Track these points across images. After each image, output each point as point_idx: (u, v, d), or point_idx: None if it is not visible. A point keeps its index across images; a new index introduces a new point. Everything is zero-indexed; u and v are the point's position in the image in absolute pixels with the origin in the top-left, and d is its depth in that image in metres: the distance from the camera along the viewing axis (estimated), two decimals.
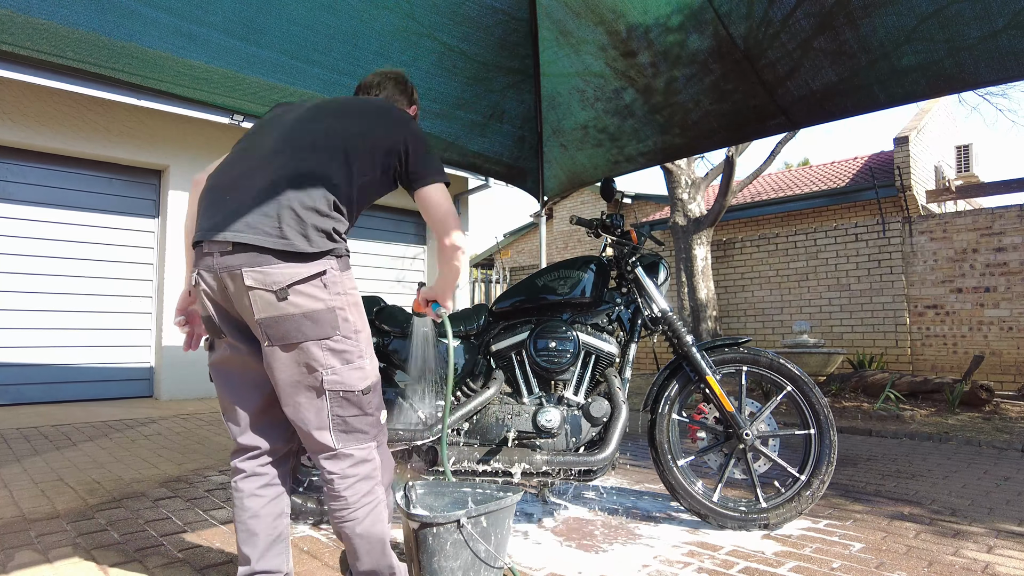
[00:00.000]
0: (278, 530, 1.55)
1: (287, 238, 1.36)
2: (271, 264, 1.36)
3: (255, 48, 2.78)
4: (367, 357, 1.46)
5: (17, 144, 5.71)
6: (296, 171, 1.43)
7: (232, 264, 1.37)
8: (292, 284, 1.36)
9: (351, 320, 1.43)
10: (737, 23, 2.79)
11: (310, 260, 1.39)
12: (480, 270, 12.20)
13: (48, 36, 2.39)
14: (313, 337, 1.38)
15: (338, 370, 1.41)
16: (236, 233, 1.37)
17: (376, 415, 1.49)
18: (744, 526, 2.30)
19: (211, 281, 1.42)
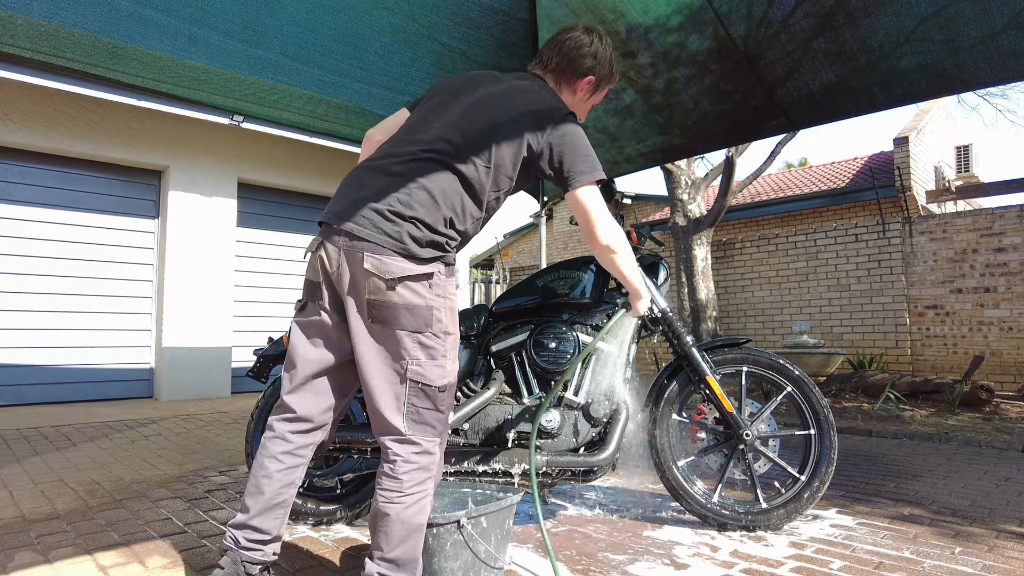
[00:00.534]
0: (283, 496, 1.64)
1: (404, 244, 1.49)
2: (389, 256, 1.48)
3: (256, 49, 2.78)
4: (450, 358, 1.55)
5: (17, 144, 5.71)
6: (429, 188, 1.53)
7: (357, 247, 1.49)
8: (403, 278, 1.47)
9: (444, 321, 1.53)
10: (737, 24, 2.79)
11: (422, 263, 1.50)
12: (480, 270, 12.21)
13: (48, 37, 2.39)
14: (408, 328, 1.48)
15: (422, 363, 1.50)
16: (362, 229, 1.50)
17: (446, 414, 1.57)
18: (744, 527, 2.30)
19: (333, 254, 1.53)
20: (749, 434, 2.32)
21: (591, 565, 1.98)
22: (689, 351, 2.38)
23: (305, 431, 1.67)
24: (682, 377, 2.45)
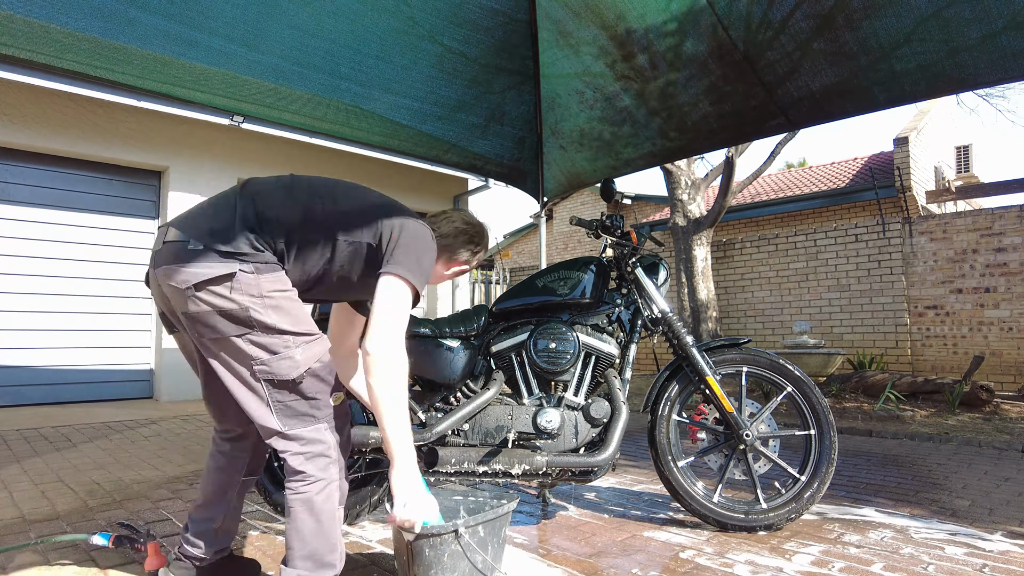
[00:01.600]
0: (222, 494, 1.72)
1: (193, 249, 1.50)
2: (181, 265, 1.48)
3: (256, 53, 2.78)
4: (296, 347, 1.50)
5: (17, 145, 5.71)
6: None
7: (159, 266, 1.52)
8: (200, 284, 1.46)
9: (268, 320, 1.49)
10: (736, 24, 2.79)
11: (218, 264, 1.47)
12: (480, 271, 12.21)
13: (48, 39, 2.39)
14: (232, 333, 1.48)
15: (266, 360, 1.48)
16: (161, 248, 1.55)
17: (320, 399, 1.53)
18: (745, 527, 2.30)
19: (153, 282, 1.58)
20: (749, 434, 2.32)
21: (591, 566, 1.98)
22: (689, 351, 2.38)
23: (230, 438, 1.74)
24: (682, 377, 2.45)
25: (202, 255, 1.47)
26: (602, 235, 2.54)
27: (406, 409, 1.53)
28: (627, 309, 2.49)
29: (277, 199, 1.59)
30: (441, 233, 1.89)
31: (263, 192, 1.60)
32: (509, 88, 3.63)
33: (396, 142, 3.75)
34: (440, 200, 8.83)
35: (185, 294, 1.46)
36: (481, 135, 3.88)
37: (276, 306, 1.50)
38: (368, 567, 1.95)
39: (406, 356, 1.54)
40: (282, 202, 1.59)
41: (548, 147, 4.13)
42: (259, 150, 7.06)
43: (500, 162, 4.18)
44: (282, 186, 1.63)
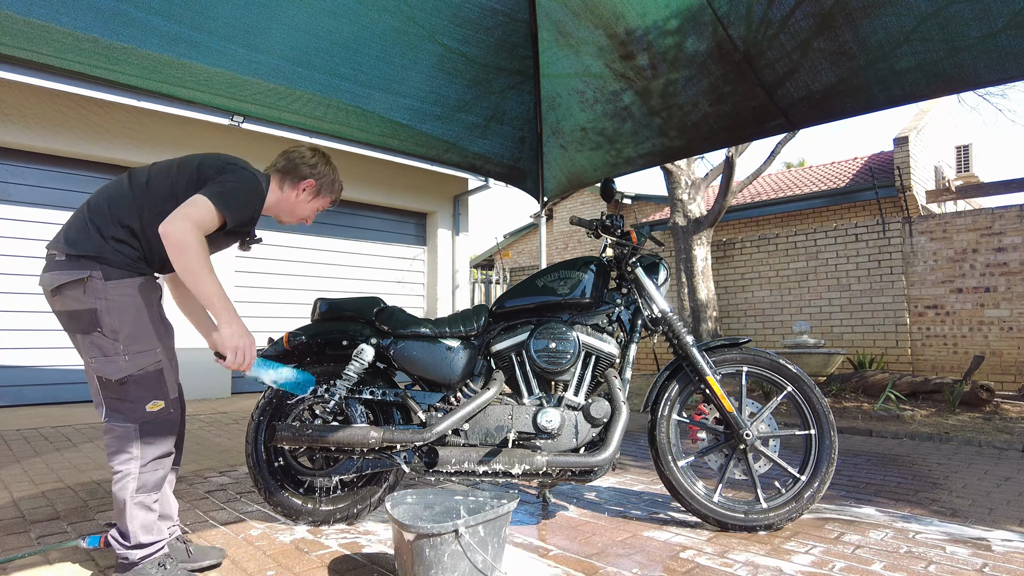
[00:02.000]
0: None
1: (56, 255, 1.75)
2: (48, 272, 1.74)
3: (256, 54, 2.78)
4: (126, 354, 1.72)
5: (17, 145, 5.71)
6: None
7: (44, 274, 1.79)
8: (59, 287, 1.71)
9: (110, 321, 1.71)
10: (736, 24, 2.79)
11: (72, 270, 1.71)
12: (480, 271, 12.20)
13: (48, 39, 2.39)
14: (79, 331, 1.73)
15: (98, 359, 1.72)
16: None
17: (137, 404, 1.73)
18: (745, 526, 2.30)
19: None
20: (749, 434, 2.32)
21: (591, 566, 1.98)
22: (689, 351, 2.38)
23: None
24: (682, 377, 2.45)
25: (64, 264, 1.72)
26: (602, 235, 2.54)
27: (210, 273, 1.71)
28: (627, 309, 2.49)
29: (114, 193, 1.79)
30: (274, 165, 2.09)
31: (102, 193, 1.81)
32: (509, 88, 3.63)
33: (396, 142, 3.75)
34: (440, 200, 8.83)
35: (49, 294, 1.74)
36: (481, 135, 3.88)
37: (122, 307, 1.72)
38: (368, 567, 1.95)
39: (198, 236, 1.69)
40: (119, 194, 1.79)
41: (548, 147, 4.13)
42: (259, 150, 7.06)
43: (500, 162, 4.18)
44: (117, 182, 1.84)
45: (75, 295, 1.70)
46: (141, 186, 1.80)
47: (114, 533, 1.77)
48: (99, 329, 1.70)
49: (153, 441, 1.76)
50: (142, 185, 1.80)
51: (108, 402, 1.75)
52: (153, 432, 1.76)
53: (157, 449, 1.76)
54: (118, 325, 1.71)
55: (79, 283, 1.69)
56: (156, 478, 1.77)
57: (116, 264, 1.73)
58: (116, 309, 1.71)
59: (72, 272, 1.70)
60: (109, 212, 1.76)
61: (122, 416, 1.73)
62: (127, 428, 1.73)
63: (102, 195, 1.80)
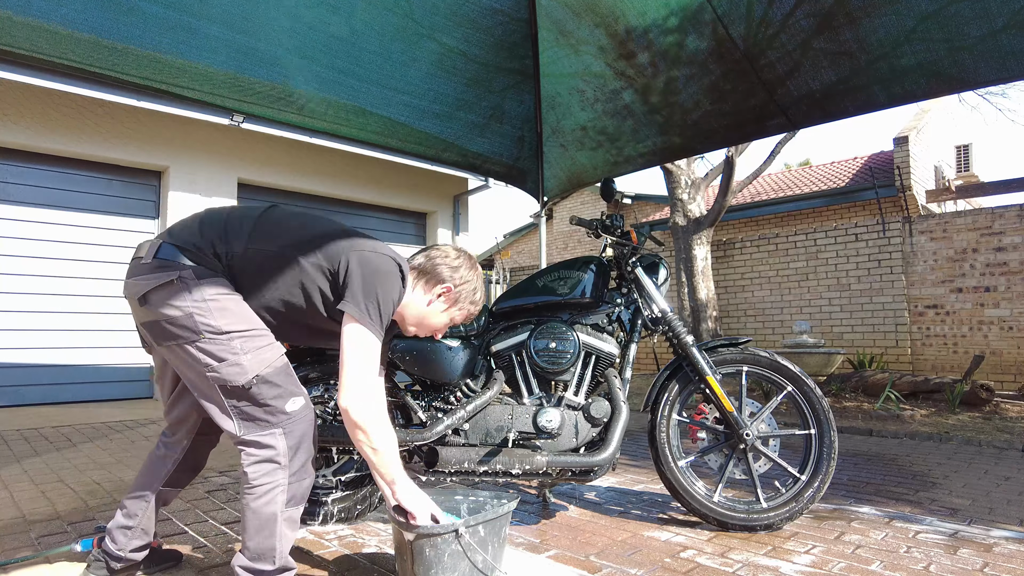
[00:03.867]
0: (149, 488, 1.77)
1: (143, 261, 1.60)
2: (133, 278, 1.59)
3: (256, 51, 2.78)
4: (245, 353, 1.54)
5: (17, 145, 5.71)
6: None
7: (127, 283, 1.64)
8: (146, 294, 1.55)
9: (213, 323, 1.53)
10: (736, 23, 2.79)
11: (157, 274, 1.55)
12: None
13: (48, 37, 2.39)
14: (182, 339, 1.53)
15: (215, 367, 1.53)
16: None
17: (274, 404, 1.56)
18: (745, 526, 2.30)
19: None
20: (749, 434, 2.31)
21: (591, 566, 1.98)
22: (689, 351, 2.38)
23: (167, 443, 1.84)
24: (682, 377, 2.44)
25: (149, 267, 1.55)
26: (602, 235, 2.54)
27: (392, 447, 1.60)
28: (627, 309, 2.49)
29: (234, 221, 1.65)
30: (417, 265, 1.83)
31: (222, 216, 1.67)
32: (509, 87, 3.63)
33: (395, 140, 3.75)
34: (440, 200, 8.83)
35: (137, 305, 1.57)
36: (481, 134, 3.88)
37: (222, 308, 1.54)
38: (368, 567, 1.95)
39: (380, 400, 1.60)
40: (239, 223, 1.64)
41: (548, 146, 4.13)
42: (259, 150, 7.06)
43: (500, 161, 4.18)
44: (244, 212, 1.69)
45: (163, 300, 1.52)
46: (259, 222, 1.65)
47: (242, 562, 1.54)
48: (201, 331, 1.51)
49: (299, 444, 1.59)
50: (256, 221, 1.65)
51: (243, 412, 1.55)
52: (298, 434, 1.58)
53: (304, 453, 1.60)
54: (224, 324, 1.53)
55: (167, 287, 1.52)
56: (304, 487, 1.61)
57: (208, 265, 1.58)
58: (220, 308, 1.53)
59: (159, 275, 1.53)
60: (203, 231, 1.62)
61: (265, 423, 1.55)
62: (272, 434, 1.55)
63: (228, 209, 1.69)
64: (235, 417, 1.55)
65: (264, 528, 1.53)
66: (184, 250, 1.57)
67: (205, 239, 1.60)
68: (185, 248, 1.57)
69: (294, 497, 1.58)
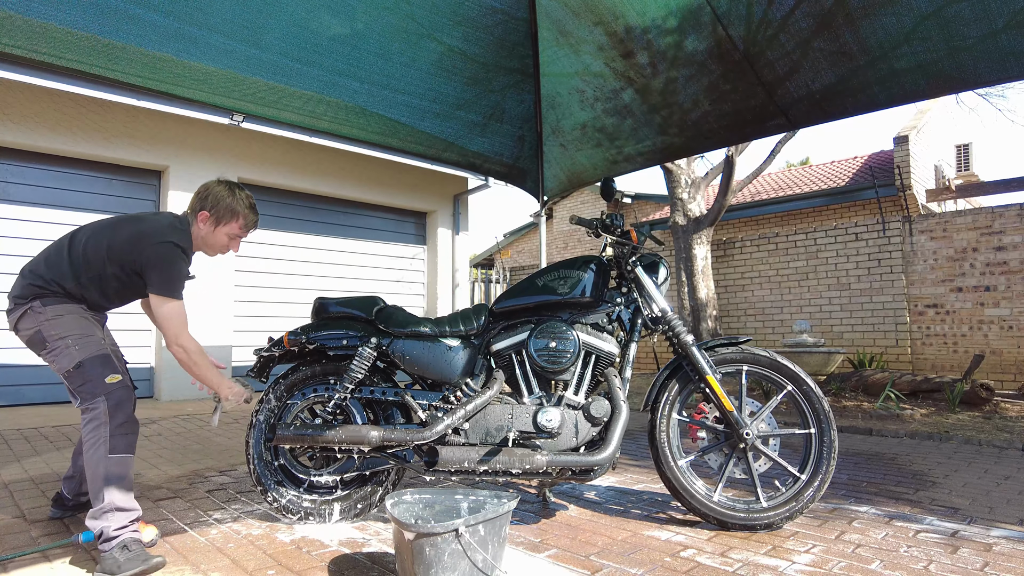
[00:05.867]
0: (78, 456, 2.34)
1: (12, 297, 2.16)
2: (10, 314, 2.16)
3: (255, 50, 2.78)
4: (71, 346, 2.04)
5: (17, 145, 5.71)
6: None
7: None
8: (16, 323, 2.14)
9: (52, 331, 2.06)
10: (736, 24, 2.79)
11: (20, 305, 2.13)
12: (480, 270, 12.21)
13: (47, 38, 2.39)
14: (39, 352, 2.11)
15: (57, 360, 2.05)
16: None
17: (96, 379, 2.02)
18: (745, 525, 2.30)
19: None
20: (749, 433, 2.32)
21: (591, 565, 1.98)
22: (689, 350, 2.38)
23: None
24: (682, 376, 2.45)
25: (13, 310, 2.12)
26: (602, 234, 2.54)
27: (206, 361, 2.19)
28: (627, 308, 2.49)
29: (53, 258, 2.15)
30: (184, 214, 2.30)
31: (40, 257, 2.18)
32: (509, 86, 3.63)
33: (395, 140, 3.75)
34: (440, 199, 8.83)
35: (20, 338, 2.13)
36: (480, 133, 3.88)
37: (57, 318, 2.07)
38: (369, 566, 1.96)
39: (192, 339, 2.15)
40: (57, 260, 2.14)
41: (548, 146, 4.13)
42: (259, 150, 7.07)
43: (500, 160, 4.18)
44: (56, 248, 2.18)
45: (25, 326, 2.08)
46: (77, 256, 2.13)
47: (90, 512, 1.94)
48: (47, 341, 2.05)
49: (118, 408, 2.01)
50: (78, 255, 2.13)
51: (76, 390, 2.03)
52: (117, 400, 2.01)
53: (122, 414, 2.01)
54: (60, 329, 2.05)
55: (25, 315, 2.08)
56: (127, 441, 2.00)
57: (53, 294, 2.10)
58: (54, 321, 2.06)
59: (18, 311, 2.09)
60: (47, 273, 2.11)
61: (91, 395, 2.00)
62: (97, 401, 1.99)
63: (40, 259, 2.16)
64: (75, 393, 2.05)
65: (94, 474, 1.94)
66: (32, 286, 2.10)
67: (48, 276, 2.11)
68: (33, 285, 2.10)
69: (117, 447, 1.97)
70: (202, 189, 2.30)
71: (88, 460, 1.96)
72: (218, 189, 2.29)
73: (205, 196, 2.28)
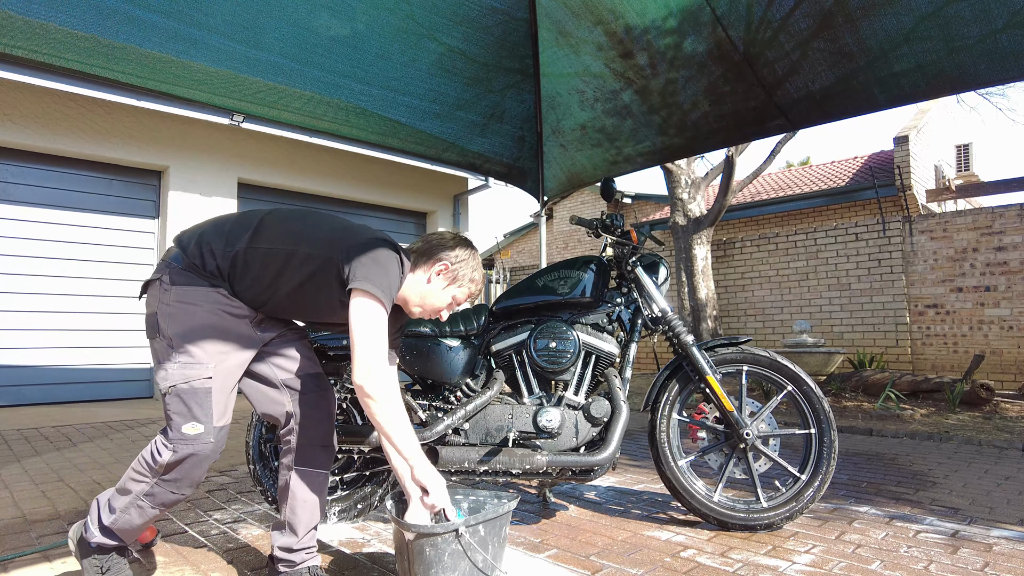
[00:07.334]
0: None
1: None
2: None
3: (256, 51, 2.78)
4: (172, 362, 1.59)
5: (17, 145, 5.71)
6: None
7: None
8: (145, 286, 1.70)
9: (164, 327, 1.61)
10: (735, 24, 2.79)
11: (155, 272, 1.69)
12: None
13: (47, 38, 2.39)
14: (149, 336, 1.66)
15: (155, 367, 1.65)
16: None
17: (175, 420, 1.59)
18: (745, 526, 2.30)
19: None
20: (749, 433, 2.32)
21: (591, 565, 1.98)
22: (689, 350, 2.38)
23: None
24: (682, 376, 2.45)
25: (158, 267, 1.69)
26: (602, 234, 2.54)
27: (406, 422, 1.62)
28: (627, 308, 2.49)
29: (238, 223, 1.71)
30: (416, 248, 1.88)
31: (228, 219, 1.74)
32: (509, 87, 3.63)
33: (395, 140, 3.75)
34: (440, 199, 8.83)
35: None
36: (481, 134, 3.88)
37: (172, 314, 1.61)
38: (369, 566, 1.96)
39: (392, 377, 1.61)
40: (242, 225, 1.70)
41: (548, 146, 4.13)
42: (259, 150, 7.06)
43: (500, 161, 4.18)
44: (249, 214, 1.75)
45: (148, 298, 1.67)
46: (276, 220, 1.70)
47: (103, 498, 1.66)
48: (158, 334, 1.61)
49: (180, 464, 1.59)
50: (277, 220, 1.71)
51: (164, 415, 1.63)
52: (183, 454, 1.58)
53: (180, 473, 1.60)
54: (173, 331, 1.60)
55: (154, 284, 1.65)
56: (169, 499, 1.63)
57: (189, 268, 1.63)
58: (173, 314, 1.60)
59: (153, 274, 1.67)
60: (228, 228, 1.68)
61: (166, 432, 1.60)
62: (164, 446, 1.58)
63: (234, 213, 1.76)
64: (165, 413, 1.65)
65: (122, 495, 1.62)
66: (184, 252, 1.66)
67: (203, 241, 1.66)
68: (184, 251, 1.66)
69: (154, 496, 1.62)
70: (451, 241, 1.88)
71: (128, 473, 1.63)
72: (470, 253, 1.89)
73: (452, 248, 1.86)
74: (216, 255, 1.64)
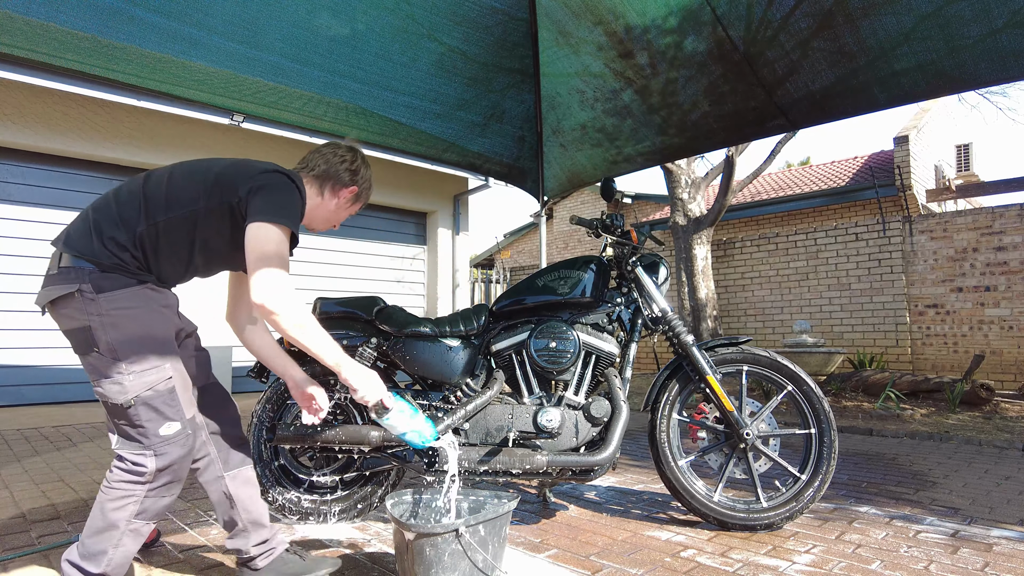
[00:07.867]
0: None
1: (49, 271, 1.59)
2: (44, 288, 1.57)
3: (255, 51, 2.79)
4: (129, 373, 1.52)
5: (17, 145, 5.71)
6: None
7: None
8: (51, 303, 1.55)
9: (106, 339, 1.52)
10: (736, 24, 2.79)
11: (61, 285, 1.53)
12: (480, 270, 12.21)
13: (47, 38, 2.39)
14: (80, 351, 1.55)
15: (100, 382, 1.53)
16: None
17: (148, 427, 1.53)
18: (745, 526, 2.30)
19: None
20: (749, 433, 2.32)
21: (591, 565, 1.98)
22: (689, 350, 2.38)
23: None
24: (682, 376, 2.45)
25: (54, 279, 1.54)
26: (602, 234, 2.54)
27: (319, 329, 1.61)
28: (627, 308, 2.49)
29: (124, 191, 1.62)
30: (312, 170, 1.85)
31: (111, 191, 1.65)
32: (509, 87, 3.63)
33: (395, 140, 3.75)
34: (440, 199, 8.83)
35: (51, 314, 1.57)
36: (480, 133, 3.88)
37: (114, 323, 1.52)
38: (369, 566, 1.96)
39: (293, 295, 1.55)
40: (129, 192, 1.61)
41: (548, 146, 4.13)
42: (259, 150, 7.06)
43: (500, 161, 4.18)
44: (130, 180, 1.67)
45: (68, 312, 1.53)
46: (159, 185, 1.61)
47: (72, 556, 1.54)
48: (96, 348, 1.52)
49: (168, 467, 1.56)
50: (160, 184, 1.61)
51: (118, 428, 1.56)
52: (169, 458, 1.55)
53: (170, 475, 1.57)
54: (116, 342, 1.51)
55: (69, 298, 1.52)
56: (160, 506, 1.59)
57: (109, 269, 1.54)
58: (111, 324, 1.51)
59: (61, 287, 1.52)
60: (117, 211, 1.57)
61: (137, 444, 1.53)
62: (142, 456, 1.53)
63: (111, 193, 1.62)
64: (115, 431, 1.57)
65: (105, 531, 1.53)
66: (82, 257, 1.54)
67: (104, 237, 1.55)
68: (83, 255, 1.54)
69: (146, 511, 1.57)
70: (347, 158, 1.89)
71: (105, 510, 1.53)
72: (365, 166, 1.93)
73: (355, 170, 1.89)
74: (126, 245, 1.56)
